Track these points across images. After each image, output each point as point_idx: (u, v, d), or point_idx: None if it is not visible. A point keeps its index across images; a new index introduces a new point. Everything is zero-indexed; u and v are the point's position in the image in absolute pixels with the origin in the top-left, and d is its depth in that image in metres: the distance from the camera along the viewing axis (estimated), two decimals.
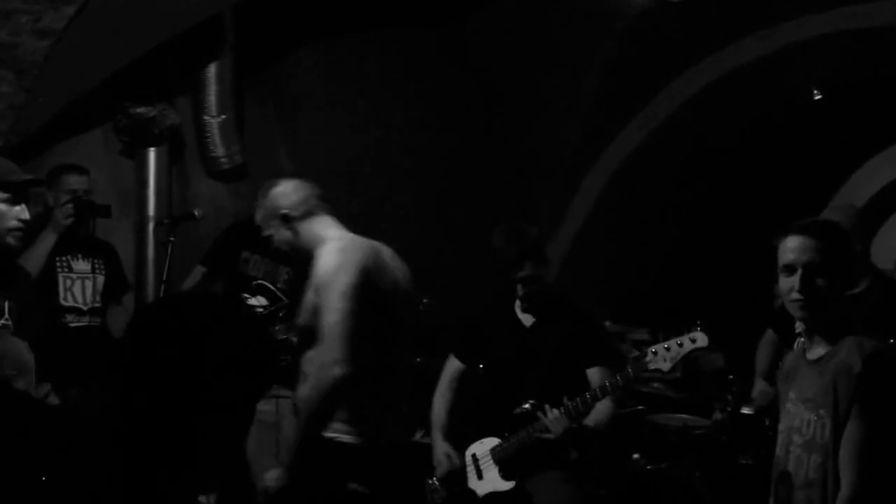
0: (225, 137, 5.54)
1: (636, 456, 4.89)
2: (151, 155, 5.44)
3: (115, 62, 4.85)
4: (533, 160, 6.98)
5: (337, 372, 3.17)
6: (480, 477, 4.16)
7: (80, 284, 4.68)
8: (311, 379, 3.25)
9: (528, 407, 3.97)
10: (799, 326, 2.87)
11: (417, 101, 6.63)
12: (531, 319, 4.20)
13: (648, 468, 4.86)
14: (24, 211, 3.28)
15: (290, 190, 3.57)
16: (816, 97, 6.59)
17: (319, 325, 3.24)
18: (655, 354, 3.73)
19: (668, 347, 3.70)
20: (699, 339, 3.70)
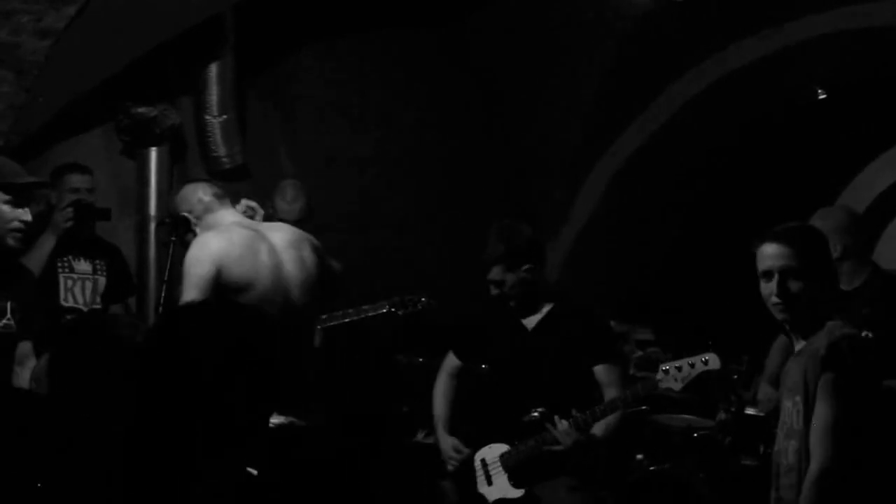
0: (226, 137, 5.54)
1: (639, 456, 4.88)
2: (153, 155, 5.44)
3: (115, 62, 4.85)
4: (533, 160, 6.97)
5: None
6: (490, 483, 4.16)
7: (80, 285, 4.68)
8: None
9: (536, 415, 3.96)
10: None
11: (417, 101, 6.63)
12: (533, 321, 4.19)
13: (651, 469, 4.84)
14: (26, 213, 3.29)
15: (187, 193, 3.90)
16: (821, 96, 6.58)
17: None
18: (667, 373, 3.73)
19: (679, 367, 3.70)
20: (711, 360, 3.70)
